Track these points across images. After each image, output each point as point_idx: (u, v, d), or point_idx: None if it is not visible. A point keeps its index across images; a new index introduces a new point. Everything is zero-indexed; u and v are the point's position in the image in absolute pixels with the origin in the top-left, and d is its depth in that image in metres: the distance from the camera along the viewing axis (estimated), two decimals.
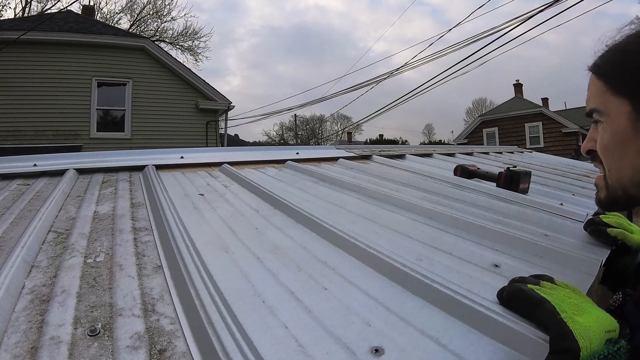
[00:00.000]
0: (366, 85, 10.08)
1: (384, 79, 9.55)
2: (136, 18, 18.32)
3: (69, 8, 10.37)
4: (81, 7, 13.02)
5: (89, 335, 0.49)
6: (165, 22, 18.75)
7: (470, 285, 0.61)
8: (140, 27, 18.38)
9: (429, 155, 2.65)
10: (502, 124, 18.13)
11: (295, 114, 29.42)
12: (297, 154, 2.12)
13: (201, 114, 9.67)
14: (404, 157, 2.43)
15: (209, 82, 9.88)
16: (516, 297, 0.49)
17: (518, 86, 19.66)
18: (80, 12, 11.36)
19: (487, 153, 3.29)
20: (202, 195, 1.21)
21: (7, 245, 0.76)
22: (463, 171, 1.72)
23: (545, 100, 20.50)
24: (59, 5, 14.90)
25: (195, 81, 9.53)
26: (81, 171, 1.50)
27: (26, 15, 14.98)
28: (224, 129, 10.64)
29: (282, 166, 1.84)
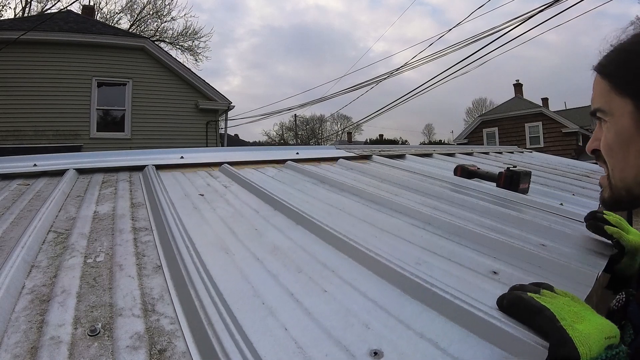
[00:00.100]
0: (366, 85, 10.10)
1: (384, 79, 9.56)
2: (136, 18, 18.35)
3: (69, 8, 10.39)
4: (81, 7, 13.05)
5: (89, 335, 0.49)
6: (165, 22, 18.80)
7: (468, 290, 0.61)
8: (140, 27, 18.40)
9: (429, 155, 2.65)
10: (502, 124, 18.14)
11: (295, 114, 29.48)
12: (297, 154, 2.12)
13: (201, 114, 9.67)
14: (404, 157, 2.42)
15: (209, 82, 9.90)
16: (516, 305, 0.49)
17: (518, 86, 19.67)
18: (80, 12, 11.38)
19: (487, 153, 3.30)
20: (202, 195, 1.21)
21: (7, 245, 0.76)
22: (463, 171, 1.71)
23: (545, 100, 20.52)
24: (59, 5, 14.94)
25: (195, 81, 9.53)
26: (81, 171, 1.50)
27: (26, 15, 14.99)
28: (224, 129, 10.65)
29: (282, 166, 1.84)
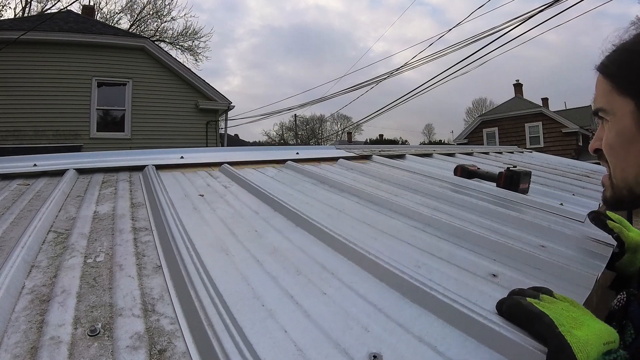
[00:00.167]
0: (366, 85, 10.09)
1: (384, 79, 9.56)
2: (136, 18, 18.34)
3: (69, 8, 10.40)
4: (81, 7, 13.05)
5: (89, 335, 0.49)
6: (165, 22, 18.79)
7: (467, 293, 0.61)
8: (140, 27, 18.40)
9: (429, 155, 2.65)
10: (502, 124, 18.14)
11: (295, 114, 29.47)
12: (297, 154, 2.12)
13: (201, 114, 9.67)
14: (404, 157, 2.42)
15: (209, 82, 9.89)
16: (515, 310, 0.49)
17: (518, 86, 19.67)
18: (80, 12, 11.37)
19: (487, 153, 3.30)
20: (202, 196, 1.21)
21: (7, 245, 0.76)
22: (463, 171, 1.71)
23: (545, 100, 20.51)
24: (59, 5, 14.94)
25: (195, 81, 9.53)
26: (81, 171, 1.50)
27: (26, 15, 14.99)
28: (224, 129, 10.64)
29: (282, 166, 1.84)
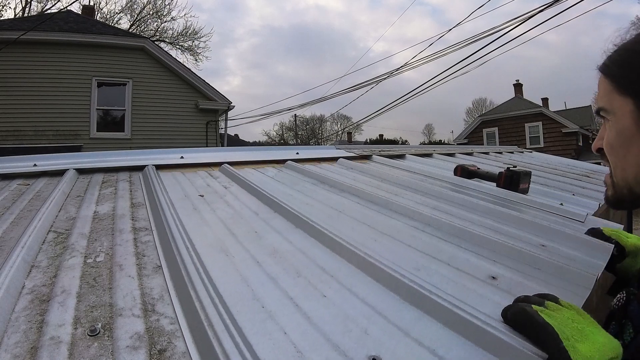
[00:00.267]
0: (366, 85, 10.09)
1: (384, 79, 9.56)
2: (136, 18, 18.34)
3: (69, 8, 10.40)
4: (81, 7, 13.05)
5: (89, 335, 0.49)
6: (165, 22, 18.79)
7: (467, 297, 0.61)
8: (140, 27, 18.40)
9: (429, 155, 2.65)
10: (502, 124, 18.14)
11: (295, 114, 29.47)
12: (297, 154, 2.12)
13: (201, 114, 9.67)
14: (404, 157, 2.42)
15: (209, 82, 9.89)
16: (520, 318, 0.49)
17: (518, 86, 19.67)
18: (80, 12, 11.37)
19: (487, 153, 3.30)
20: (202, 196, 1.21)
21: (7, 245, 0.76)
22: (463, 171, 1.72)
23: (545, 100, 20.52)
24: (59, 5, 14.94)
25: (195, 81, 9.53)
26: (81, 171, 1.50)
27: (26, 15, 14.98)
28: (224, 129, 10.64)
29: (282, 166, 1.84)
